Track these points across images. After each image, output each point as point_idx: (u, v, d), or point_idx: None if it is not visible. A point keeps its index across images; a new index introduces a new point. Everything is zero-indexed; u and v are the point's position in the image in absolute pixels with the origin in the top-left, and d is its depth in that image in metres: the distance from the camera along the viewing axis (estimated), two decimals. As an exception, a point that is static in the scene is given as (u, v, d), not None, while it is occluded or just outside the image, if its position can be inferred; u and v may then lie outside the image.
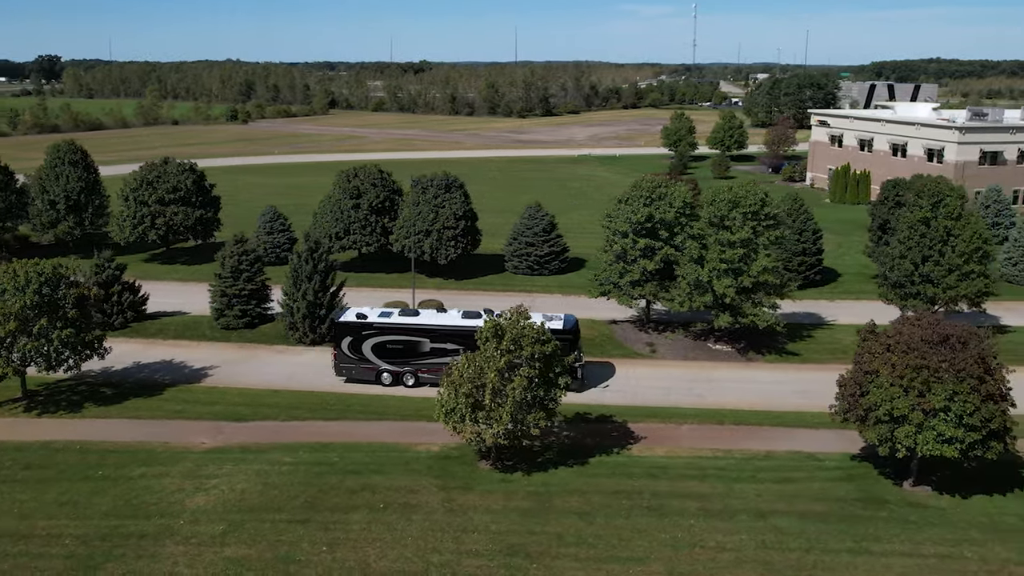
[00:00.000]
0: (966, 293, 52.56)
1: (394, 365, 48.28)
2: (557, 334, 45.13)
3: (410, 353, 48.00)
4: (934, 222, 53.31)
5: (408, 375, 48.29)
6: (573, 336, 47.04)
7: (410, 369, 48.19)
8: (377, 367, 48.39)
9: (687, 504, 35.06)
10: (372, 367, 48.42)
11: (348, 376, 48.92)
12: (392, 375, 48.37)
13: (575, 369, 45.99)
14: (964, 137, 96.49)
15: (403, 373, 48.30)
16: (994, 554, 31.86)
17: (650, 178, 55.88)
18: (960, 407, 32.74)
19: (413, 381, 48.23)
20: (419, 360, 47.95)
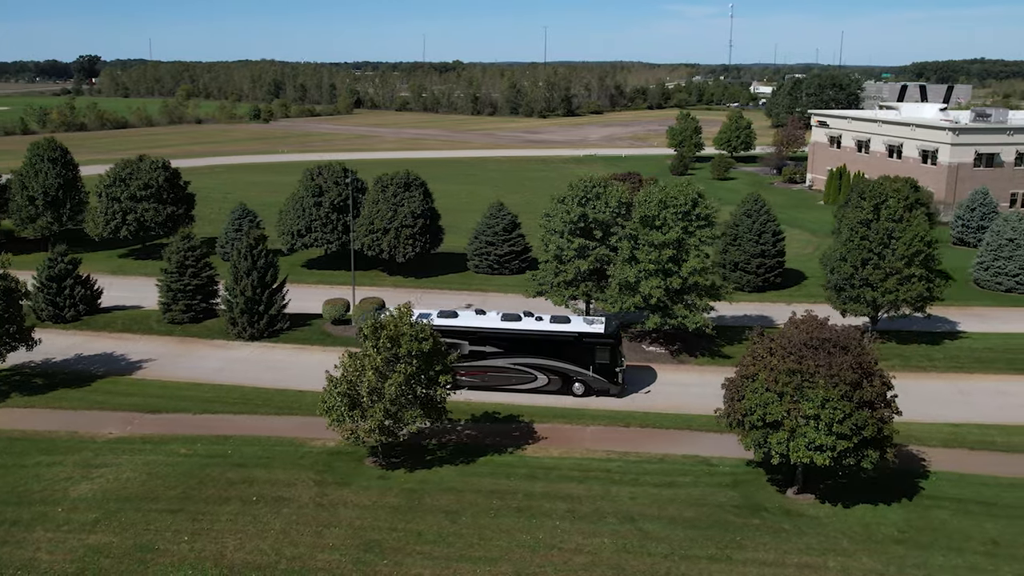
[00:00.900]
0: (906, 298, 51.12)
1: None
2: (598, 338, 45.65)
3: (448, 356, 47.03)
4: (875, 224, 51.96)
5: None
6: (615, 340, 46.25)
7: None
8: None
9: (557, 506, 34.74)
10: None
11: None
12: None
13: (616, 373, 45.87)
14: (958, 139, 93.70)
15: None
16: (859, 565, 30.98)
17: (587, 177, 55.42)
18: (830, 414, 31.89)
19: (451, 385, 46.93)
20: (458, 363, 44.85)
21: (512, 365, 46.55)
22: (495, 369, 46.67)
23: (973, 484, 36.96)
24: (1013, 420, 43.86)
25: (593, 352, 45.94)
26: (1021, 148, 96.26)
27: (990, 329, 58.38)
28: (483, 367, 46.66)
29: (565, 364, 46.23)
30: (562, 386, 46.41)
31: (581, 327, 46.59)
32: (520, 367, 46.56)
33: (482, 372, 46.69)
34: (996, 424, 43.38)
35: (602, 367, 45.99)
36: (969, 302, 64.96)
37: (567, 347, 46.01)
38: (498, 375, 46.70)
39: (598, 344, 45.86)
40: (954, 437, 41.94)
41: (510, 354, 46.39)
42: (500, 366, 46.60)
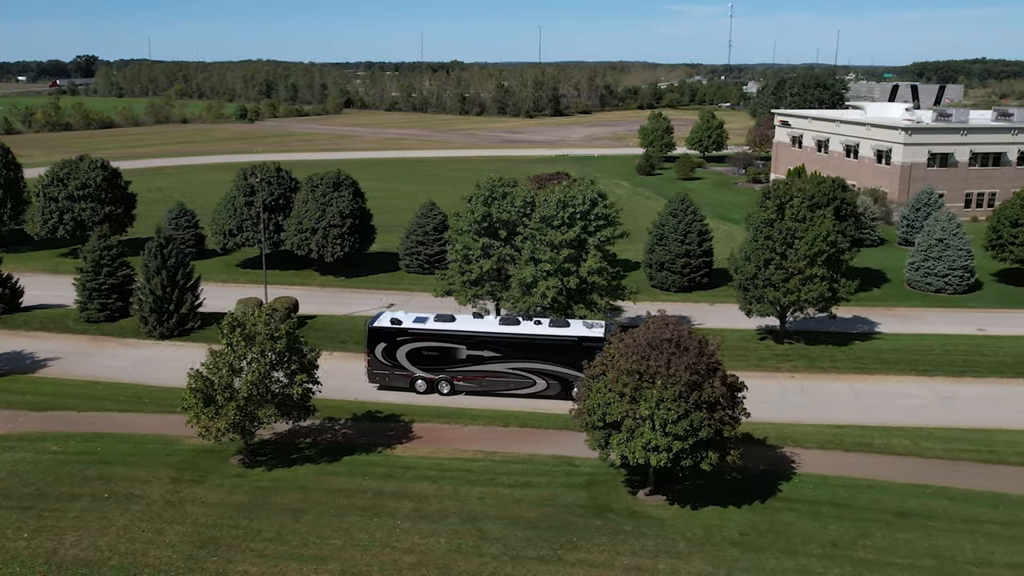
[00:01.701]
0: (807, 298, 50.79)
1: (429, 372, 46.75)
2: (597, 342, 44.59)
3: (446, 360, 46.44)
4: (779, 223, 51.65)
5: (443, 383, 46.68)
6: None
7: (445, 377, 46.62)
8: (412, 374, 46.92)
9: (403, 505, 34.70)
10: (406, 374, 46.96)
11: (381, 383, 47.31)
12: (427, 383, 46.75)
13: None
14: (911, 138, 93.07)
15: (438, 381, 46.67)
16: (689, 567, 30.76)
17: (494, 177, 55.34)
18: (664, 415, 31.72)
19: (448, 389, 46.56)
20: (455, 367, 46.28)
21: (510, 370, 45.93)
22: (493, 374, 46.18)
23: (833, 486, 36.66)
24: (898, 422, 43.53)
25: (592, 356, 43.43)
26: (975, 148, 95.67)
27: (908, 330, 57.95)
28: (481, 372, 46.20)
29: (564, 368, 45.29)
30: (561, 391, 45.44)
31: (580, 331, 45.87)
32: (518, 372, 45.89)
33: (480, 377, 46.26)
34: (880, 426, 43.03)
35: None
36: (896, 303, 64.56)
37: (566, 351, 45.17)
38: (496, 380, 46.20)
39: (597, 348, 43.74)
40: (833, 438, 41.62)
41: (508, 359, 45.79)
42: (498, 371, 46.11)
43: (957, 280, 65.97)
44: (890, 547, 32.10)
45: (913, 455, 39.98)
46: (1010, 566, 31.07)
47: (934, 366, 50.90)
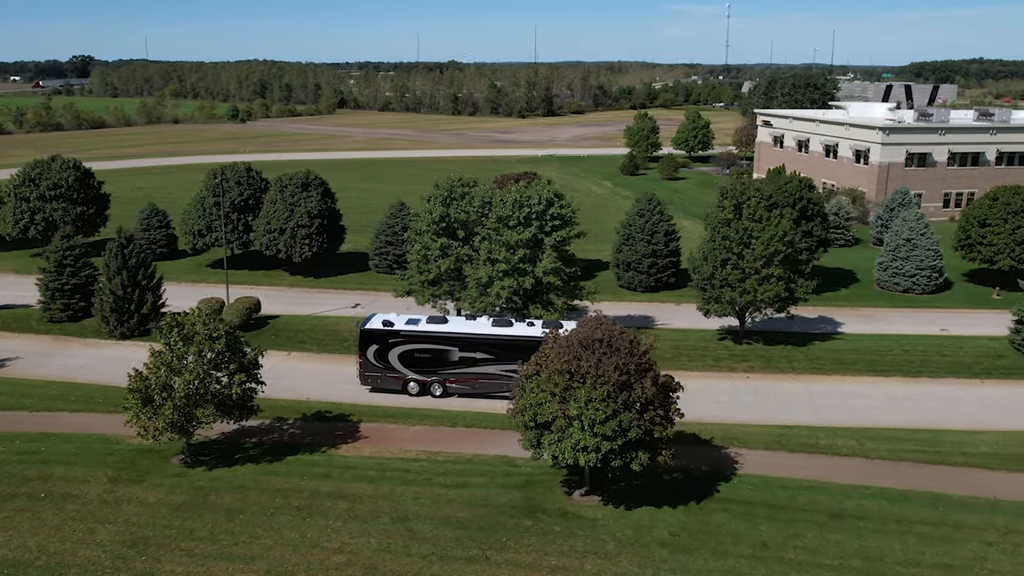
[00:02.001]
0: (763, 298, 50.71)
1: (421, 374, 46.41)
2: None
3: (438, 362, 46.07)
4: (735, 223, 51.58)
5: (436, 385, 46.30)
6: None
7: (438, 379, 46.23)
8: (404, 376, 46.56)
9: (338, 505, 34.68)
10: (398, 376, 46.59)
11: (374, 385, 46.95)
12: (419, 384, 46.44)
13: None
14: (888, 138, 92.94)
15: (430, 383, 46.29)
16: (615, 568, 30.72)
17: (454, 177, 55.29)
18: (592, 415, 31.68)
19: (441, 391, 46.27)
20: (447, 369, 45.87)
21: (503, 372, 45.24)
22: (486, 376, 45.71)
23: (772, 487, 36.60)
24: (848, 422, 43.44)
25: None
26: (954, 148, 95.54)
27: (871, 331, 57.83)
28: (474, 374, 45.80)
29: None
30: None
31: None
32: (512, 374, 44.21)
33: (473, 379, 45.88)
34: (829, 426, 42.95)
35: None
36: (863, 303, 64.44)
37: None
38: (489, 382, 45.73)
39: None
40: (780, 439, 41.55)
41: (501, 360, 45.24)
42: (491, 373, 45.59)
43: (925, 280, 65.87)
44: (820, 548, 32.05)
45: (858, 456, 39.91)
46: (939, 566, 31.01)
47: (891, 367, 50.81)
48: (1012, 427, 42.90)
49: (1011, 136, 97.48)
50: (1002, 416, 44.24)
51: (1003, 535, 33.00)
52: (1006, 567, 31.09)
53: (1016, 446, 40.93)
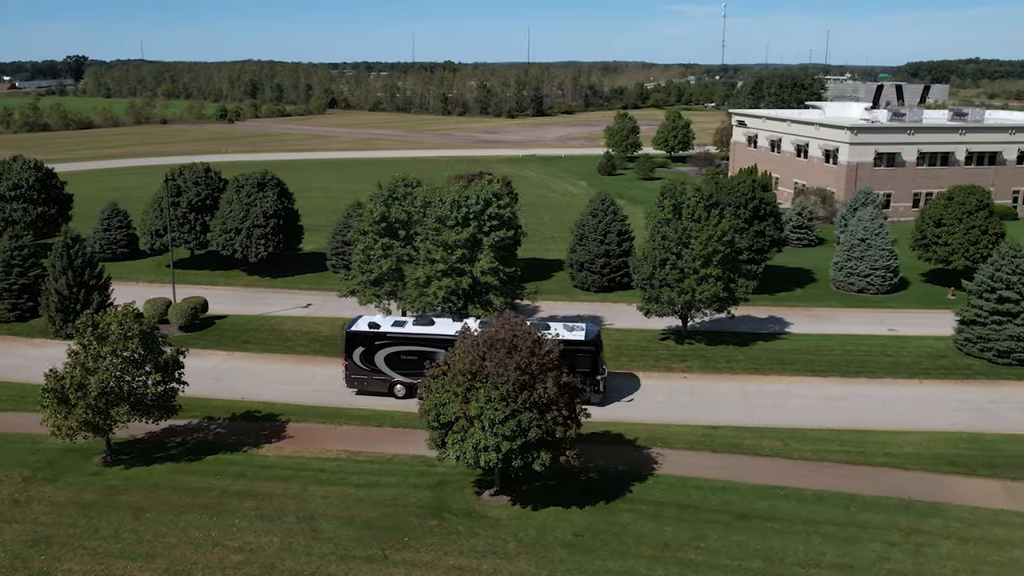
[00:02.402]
0: (702, 298, 50.64)
1: (408, 377, 45.77)
2: (578, 345, 43.76)
3: (425, 364, 43.87)
4: (674, 223, 51.51)
5: (423, 387, 45.52)
6: (595, 347, 44.72)
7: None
8: (390, 379, 46.17)
9: (245, 504, 34.71)
10: (385, 379, 46.20)
11: (360, 388, 46.51)
12: (406, 387, 45.89)
13: (597, 381, 44.45)
14: (856, 138, 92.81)
15: (417, 385, 44.61)
16: (512, 567, 30.69)
17: (398, 177, 55.32)
18: (491, 415, 31.67)
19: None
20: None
21: None
22: None
23: (687, 487, 36.53)
24: (777, 423, 43.32)
25: (574, 359, 43.18)
26: (923, 148, 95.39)
27: (819, 330, 57.69)
28: None
29: None
30: None
31: (561, 333, 44.63)
32: None
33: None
34: (756, 427, 42.86)
35: (583, 375, 43.46)
36: (816, 303, 64.33)
37: None
38: None
39: (578, 351, 43.80)
40: (704, 439, 41.48)
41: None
42: None
43: (879, 280, 65.75)
44: (722, 549, 31.99)
45: (781, 456, 39.82)
46: (838, 567, 30.94)
47: (830, 367, 50.70)
48: (938, 427, 42.80)
49: (980, 136, 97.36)
50: (930, 416, 44.15)
51: (907, 535, 32.91)
52: (907, 567, 31.01)
53: (940, 446, 40.83)
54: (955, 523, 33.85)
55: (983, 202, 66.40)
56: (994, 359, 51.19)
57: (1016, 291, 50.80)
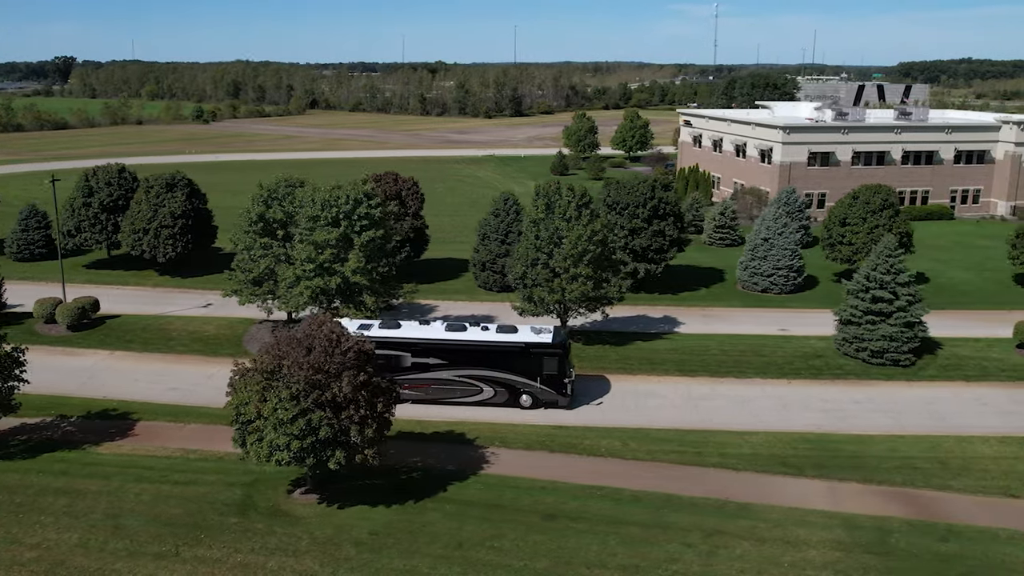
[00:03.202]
0: (571, 298, 50.61)
1: None
2: (545, 348, 43.83)
3: (390, 368, 44.01)
4: (546, 223, 51.49)
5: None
6: (563, 350, 44.68)
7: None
8: None
9: (59, 501, 34.86)
10: None
11: None
12: None
13: (564, 385, 44.44)
14: (789, 137, 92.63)
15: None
16: (297, 565, 30.74)
17: (281, 178, 55.51)
18: (280, 414, 31.79)
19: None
20: (400, 375, 44.09)
21: (457, 377, 44.87)
22: (439, 382, 45.06)
23: (505, 487, 36.56)
24: (627, 422, 43.31)
25: (540, 363, 44.05)
26: (857, 147, 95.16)
27: (708, 330, 57.63)
28: (426, 380, 45.00)
29: (512, 376, 44.55)
30: (509, 398, 44.78)
31: (527, 337, 44.84)
32: (465, 379, 44.84)
33: (425, 385, 45.13)
34: (604, 427, 42.84)
35: (550, 378, 44.29)
36: (716, 302, 64.23)
37: (513, 358, 44.31)
38: (442, 388, 45.12)
39: (545, 354, 44.03)
40: (545, 439, 41.49)
41: (454, 366, 44.73)
42: (444, 378, 44.97)
43: (782, 280, 65.64)
44: (514, 549, 32.00)
45: (616, 456, 39.86)
46: (623, 568, 30.93)
47: (700, 367, 50.64)
48: (791, 428, 42.83)
49: (916, 135, 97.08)
50: (787, 417, 44.14)
51: (707, 536, 32.90)
52: (694, 568, 30.97)
53: (780, 447, 40.80)
54: (761, 524, 33.83)
55: (888, 201, 66.24)
56: (868, 359, 51.11)
57: (890, 291, 50.71)
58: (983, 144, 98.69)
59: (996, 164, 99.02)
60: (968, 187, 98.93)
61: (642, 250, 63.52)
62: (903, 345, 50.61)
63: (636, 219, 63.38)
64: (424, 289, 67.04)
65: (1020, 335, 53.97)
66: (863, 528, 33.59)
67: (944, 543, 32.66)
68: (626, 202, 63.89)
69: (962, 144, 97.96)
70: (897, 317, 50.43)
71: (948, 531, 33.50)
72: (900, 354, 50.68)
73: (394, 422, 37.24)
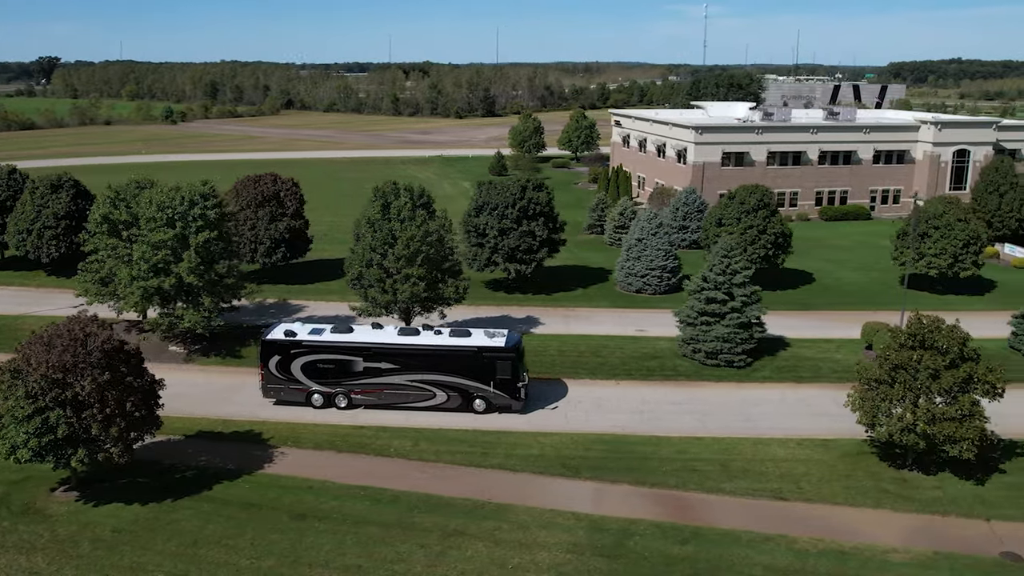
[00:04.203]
0: (402, 298, 50.61)
1: (325, 386, 44.98)
2: (498, 352, 43.78)
3: (342, 373, 44.79)
4: (381, 223, 51.52)
5: (340, 396, 44.93)
6: (516, 354, 44.36)
7: (342, 390, 44.89)
8: (307, 388, 45.09)
9: None
10: (302, 388, 45.11)
11: (277, 398, 45.44)
12: (324, 396, 45.03)
13: (518, 389, 44.22)
14: (701, 137, 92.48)
15: (335, 394, 44.95)
16: (28, 563, 31.02)
17: (132, 179, 55.88)
18: (18, 411, 32.06)
19: (346, 403, 44.88)
20: (352, 380, 44.59)
21: (409, 382, 44.56)
22: (391, 387, 44.72)
23: (270, 486, 36.90)
24: (424, 423, 43.28)
25: (493, 367, 43.88)
26: (772, 148, 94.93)
27: (564, 331, 57.54)
28: (379, 384, 44.70)
29: (465, 380, 44.34)
30: (462, 403, 44.56)
31: (480, 341, 44.69)
32: (418, 384, 44.51)
33: (378, 390, 44.79)
34: (402, 427, 42.88)
35: (503, 382, 44.01)
36: (586, 303, 64.15)
37: (466, 362, 44.13)
38: (395, 393, 44.78)
39: (498, 358, 43.83)
40: (338, 439, 41.59)
41: (407, 370, 44.37)
42: (397, 383, 44.64)
43: (656, 280, 65.55)
44: (248, 547, 32.29)
45: (400, 456, 39.99)
46: (346, 568, 31.17)
47: (530, 367, 50.43)
48: (585, 429, 42.80)
49: (833, 135, 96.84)
50: (588, 418, 44.09)
51: (446, 537, 33.15)
52: (417, 569, 31.09)
53: (571, 448, 40.79)
54: (505, 525, 33.92)
55: (763, 201, 66.04)
56: (703, 361, 51.05)
57: (724, 292, 50.61)
58: (903, 144, 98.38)
59: (916, 164, 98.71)
60: (888, 187, 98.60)
61: (511, 251, 63.57)
62: (737, 346, 50.51)
63: (505, 219, 63.45)
64: (303, 290, 67.17)
65: (867, 336, 53.90)
66: (608, 531, 33.61)
67: (682, 546, 32.68)
68: (495, 203, 63.97)
69: (881, 144, 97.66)
70: (731, 318, 50.34)
71: (694, 534, 33.51)
72: (734, 355, 50.60)
73: (198, 421, 37.63)
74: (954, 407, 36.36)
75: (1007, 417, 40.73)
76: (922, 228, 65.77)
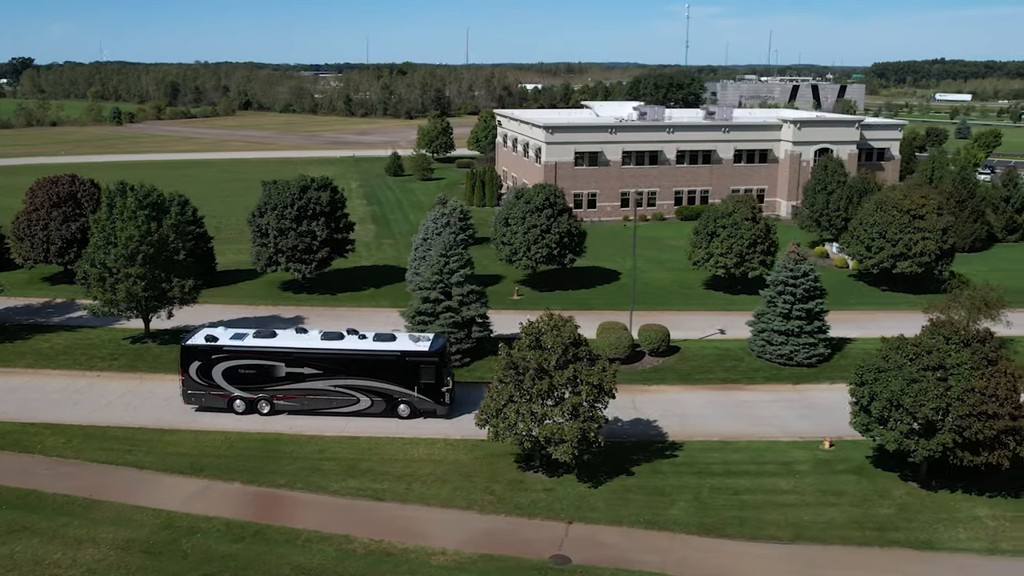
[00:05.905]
0: (121, 297, 50.64)
1: (247, 392, 44.40)
2: (421, 357, 43.46)
3: (264, 378, 44.20)
4: (106, 223, 51.57)
5: (263, 402, 44.48)
6: (440, 359, 44.03)
7: (265, 396, 44.38)
8: (229, 394, 44.49)
9: None
10: (223, 394, 44.53)
11: (198, 404, 44.88)
12: (246, 402, 44.47)
13: (443, 394, 43.89)
14: (552, 137, 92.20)
15: (257, 400, 44.44)
16: None
17: None
18: None
19: (268, 409, 44.40)
20: (274, 386, 44.10)
21: (332, 387, 44.09)
22: (314, 392, 44.21)
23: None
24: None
25: (417, 371, 43.51)
26: (627, 147, 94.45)
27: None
28: (301, 390, 44.18)
29: (388, 385, 43.87)
30: (386, 408, 44.14)
31: (404, 345, 44.27)
32: (341, 389, 44.05)
33: (300, 395, 44.29)
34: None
35: (427, 387, 43.67)
36: (366, 303, 64.34)
37: (389, 367, 43.66)
38: (317, 398, 44.29)
39: (422, 363, 43.44)
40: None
41: (330, 375, 43.91)
42: (319, 389, 44.13)
43: (442, 280, 65.21)
44: None
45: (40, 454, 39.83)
46: None
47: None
48: (242, 428, 42.75)
49: (691, 135, 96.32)
50: (258, 420, 43.96)
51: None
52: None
53: (214, 447, 40.68)
54: (77, 521, 33.80)
55: (549, 200, 65.64)
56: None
57: (441, 290, 50.33)
58: (765, 144, 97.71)
59: (779, 164, 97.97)
60: (751, 187, 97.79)
61: (289, 250, 63.48)
62: (453, 345, 50.19)
63: (284, 219, 63.36)
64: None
65: (600, 335, 52.88)
66: (175, 528, 33.65)
67: (233, 544, 32.73)
68: (275, 202, 63.91)
69: (742, 144, 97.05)
70: (445, 317, 50.07)
71: (255, 533, 33.52)
72: (461, 353, 50.35)
73: None
74: (558, 408, 36.02)
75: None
76: (710, 227, 65.35)
